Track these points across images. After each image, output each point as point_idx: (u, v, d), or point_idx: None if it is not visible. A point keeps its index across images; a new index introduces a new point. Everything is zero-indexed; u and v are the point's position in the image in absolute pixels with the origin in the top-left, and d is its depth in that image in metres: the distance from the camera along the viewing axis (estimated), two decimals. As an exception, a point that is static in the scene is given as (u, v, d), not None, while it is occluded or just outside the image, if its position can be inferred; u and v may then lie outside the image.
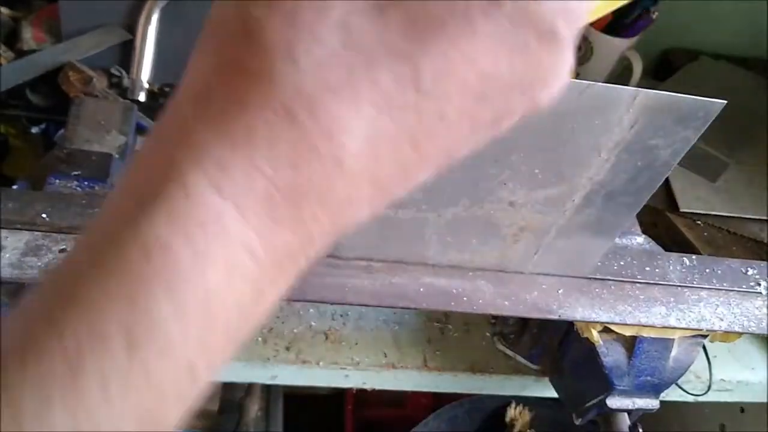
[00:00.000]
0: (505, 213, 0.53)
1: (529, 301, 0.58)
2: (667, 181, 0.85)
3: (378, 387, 0.74)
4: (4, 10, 0.75)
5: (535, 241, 0.56)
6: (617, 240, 0.63)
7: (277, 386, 1.19)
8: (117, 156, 0.62)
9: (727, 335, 0.66)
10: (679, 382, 0.69)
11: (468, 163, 0.48)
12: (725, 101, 0.45)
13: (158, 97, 0.74)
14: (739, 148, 0.91)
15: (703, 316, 0.61)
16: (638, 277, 0.62)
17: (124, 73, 0.72)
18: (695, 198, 0.86)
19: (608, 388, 0.65)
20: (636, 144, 0.48)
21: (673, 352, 0.65)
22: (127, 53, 0.74)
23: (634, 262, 0.63)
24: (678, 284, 0.63)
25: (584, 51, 0.93)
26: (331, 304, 0.70)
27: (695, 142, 0.48)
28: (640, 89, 0.44)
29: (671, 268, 0.64)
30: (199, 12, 0.73)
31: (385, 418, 1.44)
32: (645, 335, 0.63)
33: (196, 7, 0.73)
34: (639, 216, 0.66)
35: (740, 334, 0.64)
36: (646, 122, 0.46)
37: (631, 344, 0.64)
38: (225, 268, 0.20)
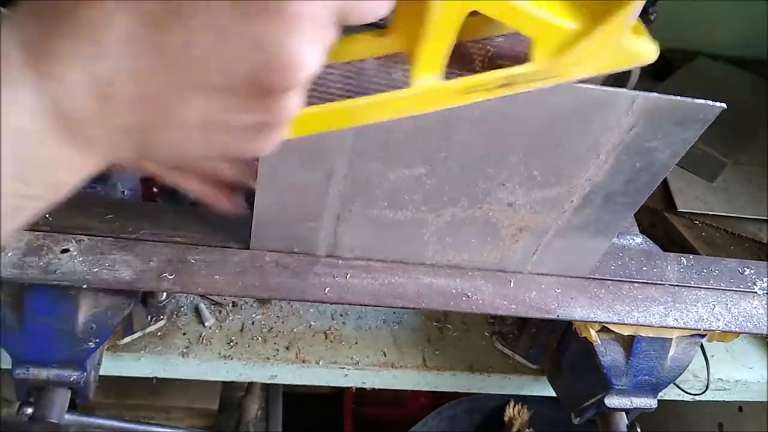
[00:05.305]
0: (504, 213, 0.53)
1: (528, 301, 0.58)
2: (665, 181, 0.85)
3: (377, 386, 0.75)
4: (4, 11, 0.75)
5: (534, 242, 0.56)
6: (615, 240, 0.64)
7: (276, 385, 1.20)
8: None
9: (725, 335, 0.66)
10: (677, 381, 0.69)
11: (467, 164, 0.49)
12: (725, 104, 0.44)
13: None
14: (737, 148, 0.91)
15: (701, 316, 0.61)
16: (636, 277, 0.62)
17: (124, 73, 0.73)
18: (693, 198, 0.86)
19: (606, 387, 0.65)
20: (634, 146, 0.48)
21: (671, 352, 0.65)
22: (127, 53, 0.74)
23: (632, 262, 0.63)
24: (676, 284, 0.63)
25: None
26: (331, 303, 0.70)
27: (693, 143, 0.48)
28: (638, 93, 0.44)
29: (669, 268, 0.64)
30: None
31: (384, 417, 1.44)
32: (643, 335, 0.63)
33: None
34: (637, 216, 0.67)
35: (738, 333, 0.65)
36: (645, 125, 0.46)
37: (629, 344, 0.64)
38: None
